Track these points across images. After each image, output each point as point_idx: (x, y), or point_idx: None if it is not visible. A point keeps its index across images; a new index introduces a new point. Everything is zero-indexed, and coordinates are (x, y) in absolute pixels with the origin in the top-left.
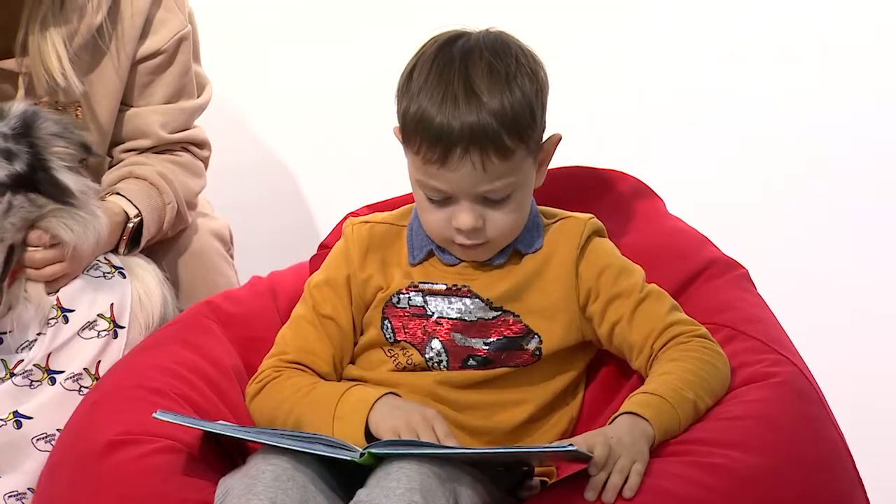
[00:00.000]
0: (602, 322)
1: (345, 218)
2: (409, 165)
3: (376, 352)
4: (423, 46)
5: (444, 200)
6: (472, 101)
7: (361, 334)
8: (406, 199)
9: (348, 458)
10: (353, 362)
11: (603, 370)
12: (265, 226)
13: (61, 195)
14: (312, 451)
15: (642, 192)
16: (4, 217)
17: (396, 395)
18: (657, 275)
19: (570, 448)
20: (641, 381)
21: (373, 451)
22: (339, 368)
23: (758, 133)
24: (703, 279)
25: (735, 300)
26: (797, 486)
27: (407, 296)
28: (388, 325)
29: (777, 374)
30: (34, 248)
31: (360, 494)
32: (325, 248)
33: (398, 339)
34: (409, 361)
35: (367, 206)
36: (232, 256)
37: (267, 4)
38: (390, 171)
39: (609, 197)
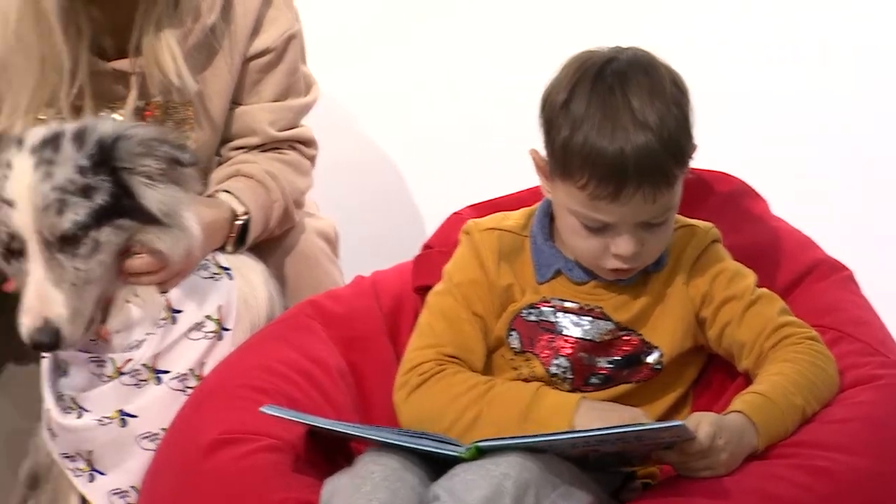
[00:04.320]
0: (713, 324)
1: (450, 217)
2: (562, 196)
3: (497, 358)
4: (571, 73)
5: (601, 228)
6: (640, 131)
7: None
8: (512, 200)
9: (454, 454)
10: None
11: (708, 376)
12: (369, 225)
13: (147, 220)
14: (420, 448)
15: (746, 194)
16: (91, 256)
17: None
18: (762, 277)
19: (679, 424)
20: (746, 384)
21: (479, 444)
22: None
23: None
24: (809, 281)
25: (841, 302)
26: None
27: (539, 310)
28: (516, 335)
29: (883, 376)
30: (135, 255)
31: (458, 468)
32: (428, 248)
33: (525, 349)
34: (532, 374)
35: (472, 206)
36: (337, 256)
37: (373, 3)
38: (496, 171)
39: (712, 199)
